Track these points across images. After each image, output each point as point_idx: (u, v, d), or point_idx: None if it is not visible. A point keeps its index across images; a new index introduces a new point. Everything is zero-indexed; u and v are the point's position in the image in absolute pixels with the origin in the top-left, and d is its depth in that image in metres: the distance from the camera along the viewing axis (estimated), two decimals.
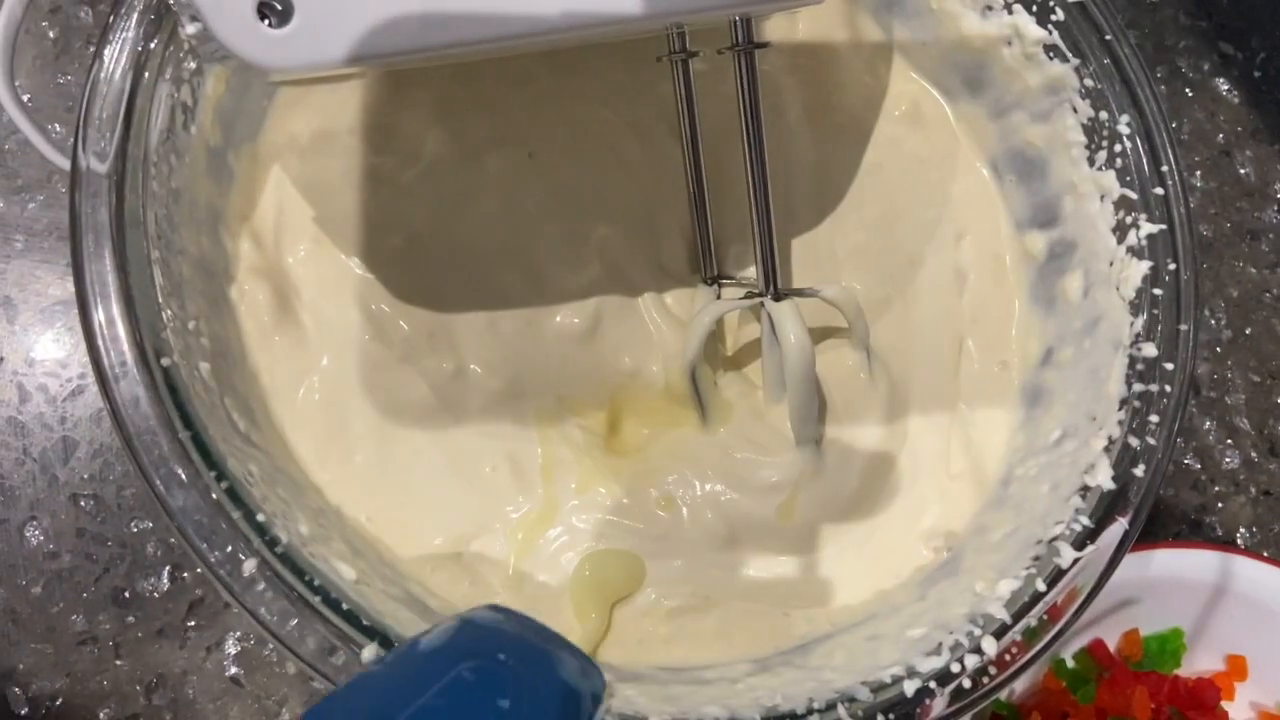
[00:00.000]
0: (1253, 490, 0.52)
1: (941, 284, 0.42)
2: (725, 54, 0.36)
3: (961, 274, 0.42)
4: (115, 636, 0.43)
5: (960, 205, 0.43)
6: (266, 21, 0.30)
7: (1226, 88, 0.58)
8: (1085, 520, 0.34)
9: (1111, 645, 0.47)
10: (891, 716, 0.32)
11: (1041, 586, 0.34)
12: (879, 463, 0.39)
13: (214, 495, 0.30)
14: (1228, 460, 0.53)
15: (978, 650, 0.33)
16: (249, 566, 0.30)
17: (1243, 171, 0.57)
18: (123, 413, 0.31)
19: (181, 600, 0.43)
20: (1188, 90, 0.58)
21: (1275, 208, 0.57)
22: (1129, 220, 0.38)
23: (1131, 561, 0.45)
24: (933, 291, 0.42)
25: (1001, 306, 0.42)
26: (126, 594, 0.43)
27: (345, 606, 0.30)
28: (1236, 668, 0.48)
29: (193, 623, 0.43)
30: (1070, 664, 0.47)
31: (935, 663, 0.33)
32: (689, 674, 0.36)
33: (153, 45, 0.34)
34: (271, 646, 0.38)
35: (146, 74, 0.34)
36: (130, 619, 0.43)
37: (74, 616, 0.43)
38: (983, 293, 0.42)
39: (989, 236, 0.43)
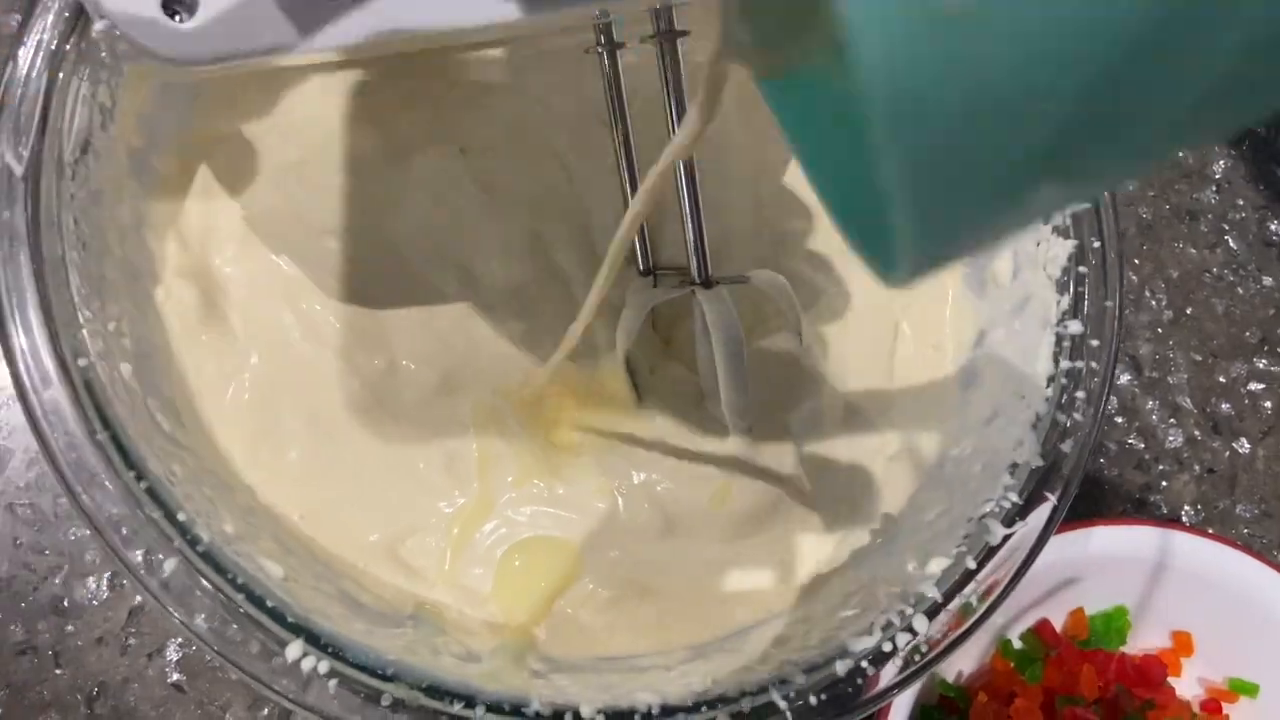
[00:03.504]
0: (1196, 468, 0.53)
1: None
2: (647, 44, 0.36)
3: None
4: (55, 645, 0.42)
5: None
6: (176, 17, 0.30)
7: None
8: (1014, 497, 0.35)
9: (1058, 625, 0.47)
10: (824, 697, 0.32)
11: (972, 564, 0.34)
12: (815, 447, 0.39)
13: (134, 495, 0.30)
14: (1171, 439, 0.53)
15: (910, 629, 0.33)
16: (169, 565, 0.30)
17: (1180, 154, 0.58)
18: (39, 415, 0.30)
19: (121, 608, 0.43)
20: None
21: (1213, 188, 0.57)
22: None
23: (1072, 540, 0.45)
24: (867, 276, 0.42)
25: (935, 290, 0.43)
26: (65, 602, 0.43)
27: (270, 604, 0.30)
28: (1182, 644, 0.48)
29: (133, 630, 0.43)
30: (1017, 644, 0.47)
31: (867, 642, 0.33)
32: (625, 662, 0.36)
33: (68, 46, 0.34)
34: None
35: (61, 74, 0.33)
36: (70, 628, 0.43)
37: (12, 626, 0.42)
38: None
39: None
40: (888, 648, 0.33)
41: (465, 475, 0.38)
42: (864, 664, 0.33)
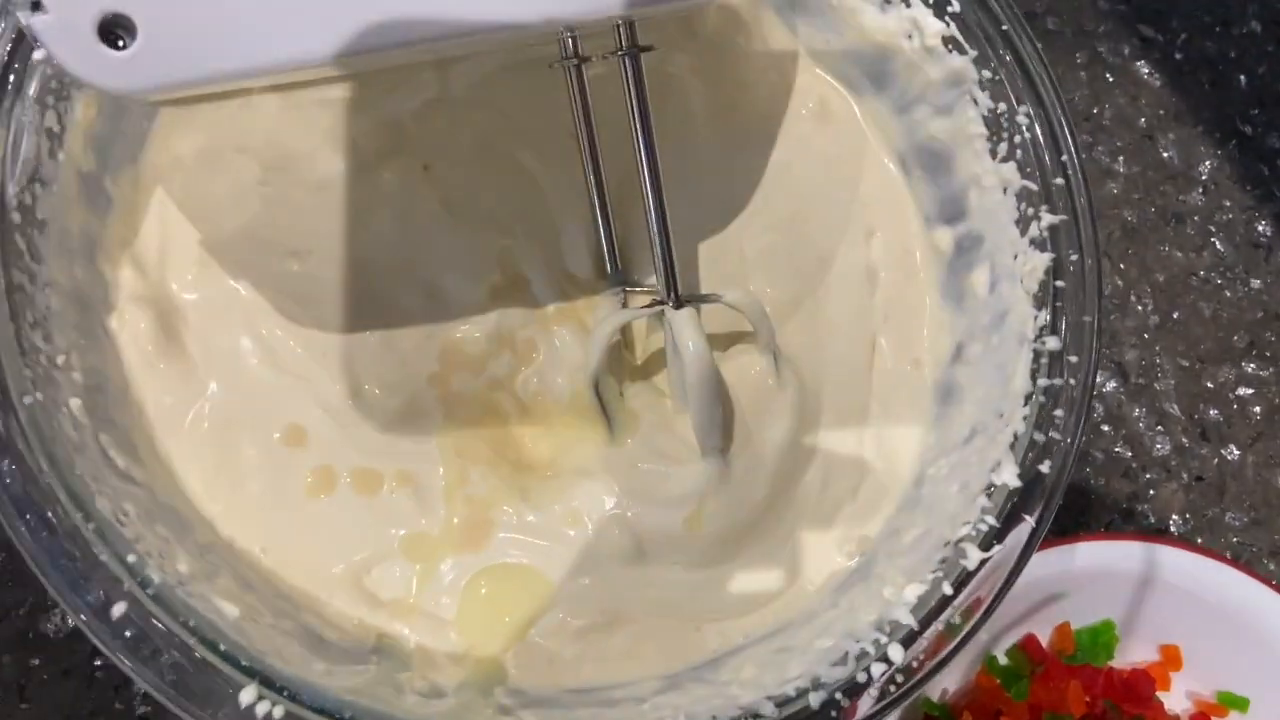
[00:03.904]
0: (1184, 476, 0.52)
1: (853, 283, 0.42)
2: (612, 59, 0.35)
3: (872, 272, 0.42)
4: (20, 679, 0.42)
5: (870, 202, 0.43)
6: (119, 42, 0.29)
7: (1147, 71, 0.58)
8: (991, 520, 0.34)
9: (1044, 640, 0.47)
10: None
11: (948, 590, 0.33)
12: (789, 468, 0.38)
13: (83, 536, 0.29)
14: (1159, 447, 0.52)
15: (884, 659, 0.32)
16: (118, 609, 0.29)
17: (1166, 155, 0.57)
18: None
19: (87, 640, 0.42)
20: (1108, 75, 0.58)
21: (1199, 190, 0.57)
22: (1030, 212, 0.37)
23: (1058, 555, 0.44)
24: (844, 290, 0.42)
25: (913, 304, 0.42)
26: (30, 636, 0.42)
27: (223, 647, 0.29)
28: (1170, 658, 0.47)
29: (99, 662, 0.42)
30: (1003, 661, 0.46)
31: (841, 673, 0.32)
32: (597, 695, 0.35)
33: (11, 74, 0.33)
34: None
35: (5, 102, 0.33)
36: (35, 661, 0.42)
37: None
38: (894, 290, 0.42)
39: (899, 233, 0.42)
40: (862, 678, 0.32)
41: (431, 502, 0.37)
42: (838, 695, 0.32)
